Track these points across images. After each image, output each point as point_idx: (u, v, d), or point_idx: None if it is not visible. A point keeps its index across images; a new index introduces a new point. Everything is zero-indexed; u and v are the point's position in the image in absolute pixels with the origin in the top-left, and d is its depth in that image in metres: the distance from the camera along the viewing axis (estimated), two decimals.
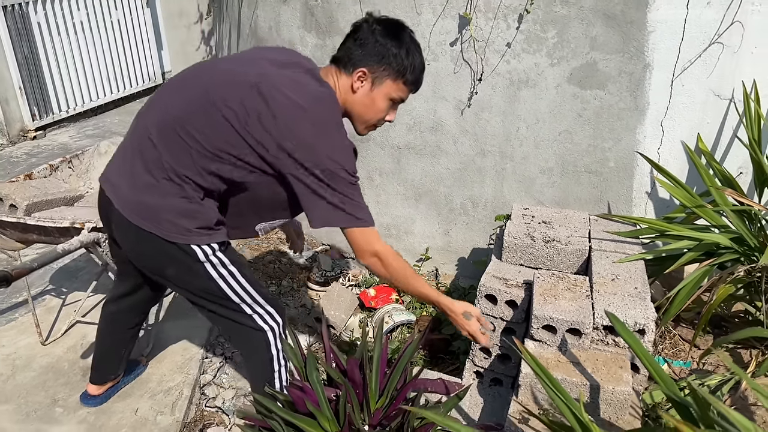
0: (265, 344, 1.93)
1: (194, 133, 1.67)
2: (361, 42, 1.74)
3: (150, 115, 1.77)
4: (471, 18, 2.69)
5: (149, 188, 1.71)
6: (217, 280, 1.82)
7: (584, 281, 2.10)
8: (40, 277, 3.18)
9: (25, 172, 4.72)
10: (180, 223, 1.72)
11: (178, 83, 1.80)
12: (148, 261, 1.86)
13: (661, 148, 2.62)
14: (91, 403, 2.33)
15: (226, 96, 1.66)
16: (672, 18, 2.41)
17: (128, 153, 1.78)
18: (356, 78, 1.75)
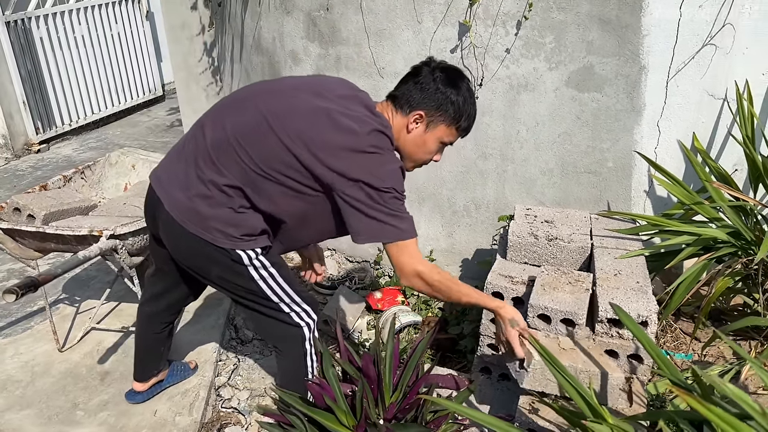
0: (300, 339, 2.04)
1: (250, 152, 1.76)
2: (422, 86, 1.83)
3: (211, 128, 1.84)
4: (471, 25, 2.78)
5: (202, 197, 1.80)
6: (258, 281, 1.91)
7: (587, 277, 2.17)
8: (54, 286, 3.25)
9: (30, 185, 4.79)
10: (227, 231, 1.81)
11: (241, 101, 1.88)
12: (194, 261, 1.94)
13: (657, 148, 2.70)
14: (137, 399, 2.42)
15: (287, 122, 1.75)
16: (665, 21, 2.49)
17: (183, 158, 1.87)
18: (413, 119, 1.84)
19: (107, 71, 6.29)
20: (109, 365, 2.66)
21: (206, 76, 4.69)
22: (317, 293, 3.47)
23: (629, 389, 1.94)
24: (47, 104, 5.67)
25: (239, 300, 1.99)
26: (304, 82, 1.95)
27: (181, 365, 2.60)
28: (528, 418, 1.83)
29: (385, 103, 1.91)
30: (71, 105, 5.93)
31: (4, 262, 3.54)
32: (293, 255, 3.75)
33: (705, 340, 2.54)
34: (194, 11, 4.45)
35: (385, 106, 1.90)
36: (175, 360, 2.62)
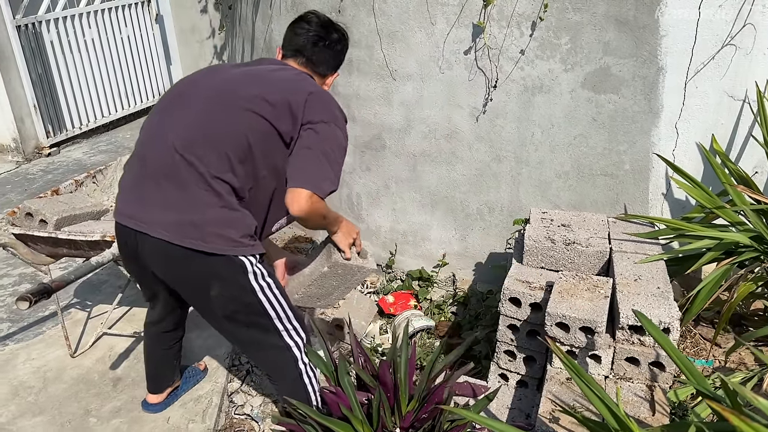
0: (292, 361, 1.98)
1: (225, 136, 1.77)
2: (336, 51, 2.06)
3: (167, 138, 1.80)
4: (485, 26, 2.75)
5: (191, 206, 1.76)
6: (258, 293, 1.86)
7: (606, 283, 2.13)
8: (65, 290, 3.21)
9: (41, 188, 4.79)
10: (226, 234, 1.77)
11: (181, 102, 1.87)
12: (194, 281, 1.87)
13: (675, 150, 2.65)
14: (155, 409, 2.39)
15: (252, 97, 1.81)
16: (684, 21, 2.45)
17: (150, 182, 1.81)
18: (331, 81, 2.09)
19: (117, 74, 6.29)
20: (121, 371, 2.64)
21: None
22: None
23: (651, 397, 1.90)
24: (58, 108, 5.67)
25: (233, 322, 1.92)
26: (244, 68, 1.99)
27: (192, 370, 2.59)
28: (548, 427, 1.79)
29: (294, 61, 2.01)
30: (82, 108, 5.92)
31: (16, 267, 3.53)
32: None
33: (725, 346, 2.49)
34: (204, 14, 4.45)
35: (296, 64, 2.01)
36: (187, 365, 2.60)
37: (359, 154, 3.38)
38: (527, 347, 2.21)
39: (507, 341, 2.23)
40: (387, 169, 3.33)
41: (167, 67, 7.01)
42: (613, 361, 1.98)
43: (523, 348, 2.22)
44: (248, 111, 1.78)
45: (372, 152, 3.33)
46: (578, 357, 2.00)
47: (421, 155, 3.18)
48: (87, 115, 6.00)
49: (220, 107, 1.81)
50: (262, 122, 1.79)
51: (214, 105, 1.82)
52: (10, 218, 2.58)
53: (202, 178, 1.76)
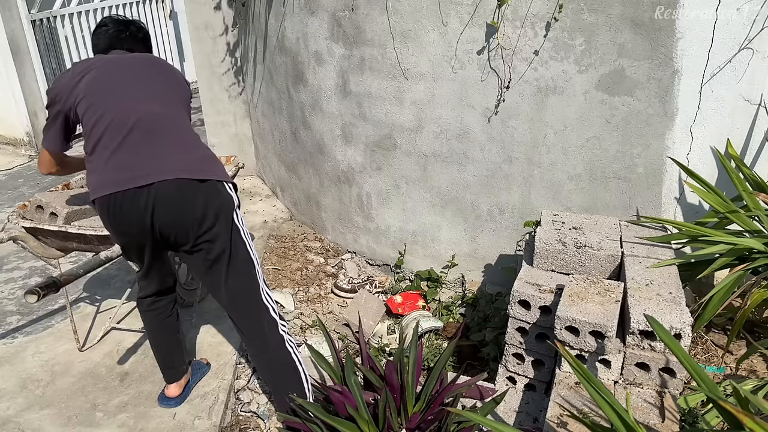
0: (274, 324, 2.10)
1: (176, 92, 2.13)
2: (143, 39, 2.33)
3: (137, 105, 2.00)
4: (498, 26, 2.73)
5: (189, 146, 2.03)
6: (243, 236, 2.06)
7: (618, 287, 2.11)
8: (74, 284, 3.24)
9: (53, 182, 4.82)
10: (217, 163, 2.06)
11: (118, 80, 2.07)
12: (199, 219, 1.98)
13: (690, 154, 2.62)
14: (171, 403, 2.41)
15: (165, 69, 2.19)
16: (701, 23, 2.42)
17: (139, 145, 1.96)
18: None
19: None
20: (128, 366, 2.64)
21: (229, 77, 4.69)
22: (337, 296, 3.44)
23: (661, 404, 1.88)
24: None
25: (225, 262, 2.02)
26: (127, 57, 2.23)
27: (197, 363, 2.60)
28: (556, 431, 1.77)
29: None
30: None
31: (27, 260, 3.55)
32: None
33: (737, 353, 2.46)
34: (218, 11, 4.45)
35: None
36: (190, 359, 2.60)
37: (370, 153, 3.37)
38: (536, 350, 2.19)
39: (516, 344, 2.21)
40: (397, 169, 3.31)
41: (180, 63, 7.04)
42: (622, 366, 1.96)
43: (531, 351, 2.20)
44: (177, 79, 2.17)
45: (382, 151, 3.32)
46: (587, 361, 1.98)
47: (432, 155, 3.16)
48: None
49: (162, 76, 2.13)
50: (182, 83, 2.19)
51: (154, 73, 2.12)
52: (21, 211, 2.59)
53: (182, 127, 2.05)
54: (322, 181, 3.75)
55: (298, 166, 3.96)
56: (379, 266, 3.66)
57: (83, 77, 2.01)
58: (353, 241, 3.72)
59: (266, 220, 4.14)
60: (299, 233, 4.00)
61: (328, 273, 3.61)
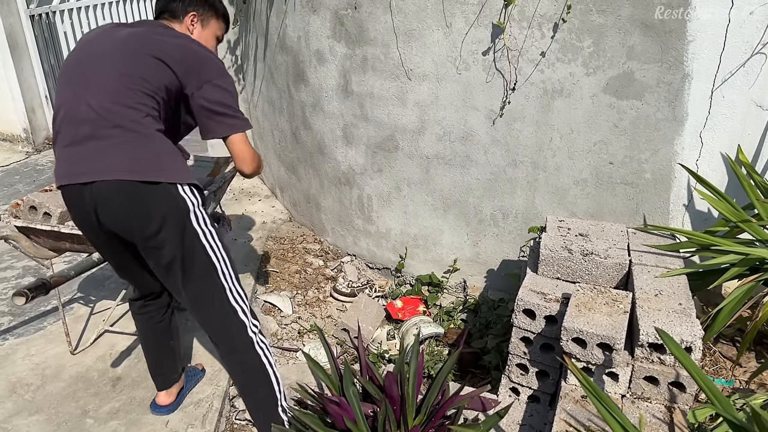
0: (242, 327, 1.98)
1: (138, 80, 1.83)
2: None
3: (83, 98, 1.82)
4: (505, 27, 2.66)
5: (135, 143, 1.81)
6: (201, 238, 1.89)
7: (626, 297, 2.04)
8: (68, 285, 3.17)
9: (50, 180, 4.75)
10: (171, 162, 1.86)
11: (81, 66, 1.88)
12: (144, 224, 1.84)
13: (699, 160, 2.56)
14: (163, 411, 2.34)
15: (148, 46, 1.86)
16: (713, 27, 2.36)
17: (85, 138, 1.82)
18: (189, 21, 2.04)
19: None
20: (121, 370, 2.58)
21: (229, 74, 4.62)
22: (336, 300, 3.37)
23: (670, 419, 1.81)
24: None
25: (181, 268, 1.90)
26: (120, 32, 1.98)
27: (192, 369, 2.54)
28: None
29: (159, 23, 2.03)
30: None
31: (20, 259, 3.48)
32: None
33: (746, 365, 2.39)
34: None
35: (166, 23, 2.04)
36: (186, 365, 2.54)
37: (371, 155, 3.31)
38: (540, 361, 2.13)
39: (519, 354, 2.15)
40: (399, 171, 3.25)
41: None
42: (630, 379, 1.89)
43: (536, 362, 2.13)
44: (157, 59, 1.84)
45: (384, 153, 3.25)
46: (594, 374, 1.91)
47: (434, 158, 3.10)
48: None
49: (131, 58, 1.85)
50: (167, 69, 1.86)
51: (124, 56, 1.86)
52: (14, 210, 2.53)
53: (134, 121, 1.82)
54: (322, 183, 3.69)
55: (298, 167, 3.89)
56: (379, 270, 3.59)
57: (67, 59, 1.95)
58: (353, 243, 3.66)
59: (265, 221, 4.08)
60: (298, 235, 3.93)
61: (327, 276, 3.54)
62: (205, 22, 2.08)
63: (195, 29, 2.06)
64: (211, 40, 2.11)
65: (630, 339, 1.94)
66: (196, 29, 2.06)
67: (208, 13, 2.08)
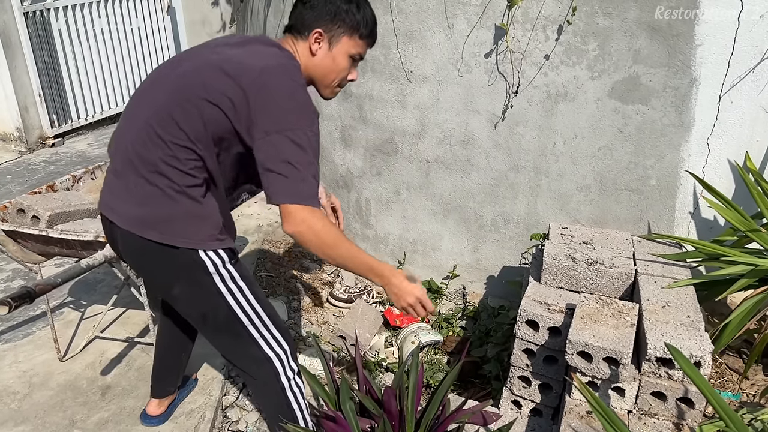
0: (273, 374, 1.82)
1: (172, 128, 1.60)
2: (311, 4, 1.71)
3: (127, 131, 1.69)
4: (508, 29, 2.60)
5: (155, 198, 1.64)
6: (226, 296, 1.73)
7: (633, 309, 1.98)
8: (59, 288, 3.10)
9: (43, 179, 4.67)
10: (190, 228, 1.66)
11: (139, 96, 1.73)
12: (157, 277, 1.77)
13: (706, 167, 2.50)
14: (152, 422, 2.26)
15: (195, 86, 1.60)
16: (721, 31, 2.30)
17: (120, 171, 1.70)
18: (313, 40, 1.72)
19: (126, 66, 6.17)
20: (111, 378, 2.50)
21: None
22: (333, 306, 3.30)
23: None
24: (63, 98, 5.56)
25: (206, 325, 1.79)
26: (200, 49, 1.76)
27: (184, 379, 2.45)
28: None
29: (284, 38, 1.78)
30: (88, 99, 5.81)
31: (10, 262, 3.41)
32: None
33: (753, 378, 2.34)
34: (215, 7, 4.32)
35: (285, 40, 1.77)
36: None
37: (370, 158, 3.24)
38: (543, 373, 2.06)
39: (522, 366, 2.09)
40: (398, 175, 3.18)
41: None
42: (637, 394, 1.83)
43: (539, 374, 2.07)
44: (207, 102, 1.58)
45: (383, 156, 3.19)
46: (600, 389, 1.85)
47: (434, 161, 3.03)
48: (93, 106, 5.88)
49: (180, 97, 1.61)
50: (219, 114, 1.60)
51: (174, 95, 1.62)
52: (1, 213, 2.45)
53: (159, 173, 1.62)
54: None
55: None
56: None
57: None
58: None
59: (261, 224, 4.01)
60: None
61: (323, 281, 3.47)
62: (334, 41, 1.72)
63: (320, 50, 1.72)
64: (342, 61, 1.75)
65: (637, 352, 1.88)
66: (321, 50, 1.72)
67: (340, 29, 1.71)
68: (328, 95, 1.85)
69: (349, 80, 1.83)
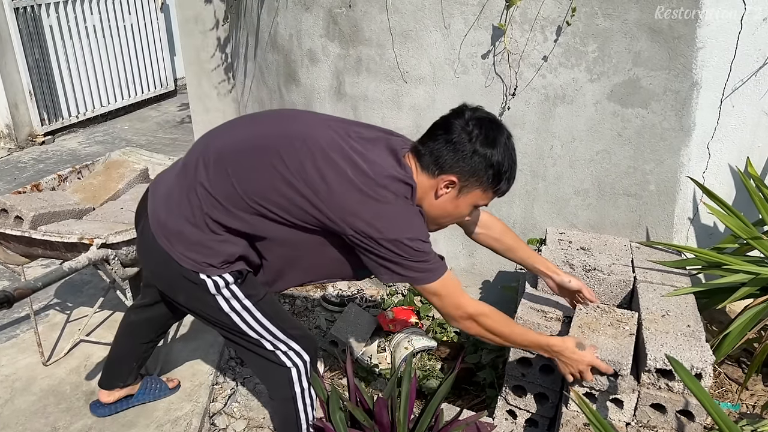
0: (287, 382, 1.78)
1: (241, 176, 1.54)
2: (455, 147, 1.55)
3: (211, 146, 1.64)
4: (506, 29, 2.55)
5: (184, 220, 1.61)
6: (230, 314, 1.69)
7: (632, 317, 1.93)
8: (43, 291, 3.03)
9: (32, 178, 4.60)
10: (197, 252, 1.61)
11: (248, 124, 1.69)
12: (162, 281, 1.77)
13: (706, 172, 2.45)
14: (101, 412, 2.24)
15: (289, 153, 1.52)
16: (724, 33, 2.25)
17: (179, 172, 1.67)
18: (443, 185, 1.58)
19: (118, 63, 6.11)
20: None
21: (218, 73, 4.48)
22: (325, 310, 3.24)
23: None
24: (54, 95, 5.49)
25: (216, 329, 1.78)
26: (334, 123, 1.66)
27: (157, 382, 2.37)
28: None
29: (409, 155, 1.64)
30: (79, 96, 5.74)
31: None
32: None
33: (752, 388, 2.29)
34: (208, 4, 4.25)
35: (409, 157, 1.63)
36: (151, 375, 2.39)
37: None
38: (539, 383, 2.01)
39: (517, 376, 2.03)
40: None
41: (171, 57, 6.83)
42: (636, 406, 1.78)
43: (535, 384, 2.01)
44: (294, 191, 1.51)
45: None
46: (598, 400, 1.79)
47: None
48: (84, 104, 5.82)
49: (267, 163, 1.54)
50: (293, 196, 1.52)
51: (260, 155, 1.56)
52: None
53: (195, 193, 1.60)
54: None
55: None
56: (370, 278, 3.46)
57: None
58: None
59: None
60: None
61: (316, 284, 3.41)
62: (465, 191, 1.59)
63: (445, 195, 1.60)
64: (465, 209, 1.66)
65: (636, 363, 1.83)
66: (448, 196, 1.60)
67: (477, 183, 1.58)
68: (432, 230, 1.72)
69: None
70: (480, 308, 1.66)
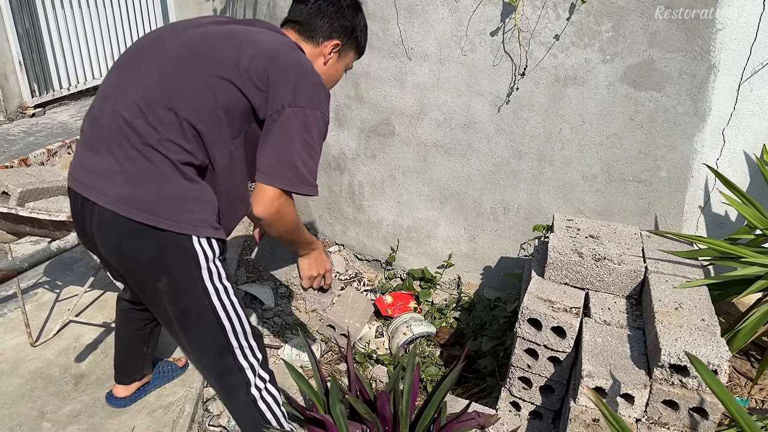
0: (243, 385, 1.66)
1: (185, 100, 1.47)
2: (335, 11, 1.69)
3: (118, 103, 1.51)
4: (517, 5, 2.44)
5: (146, 175, 1.48)
6: (211, 295, 1.58)
7: None
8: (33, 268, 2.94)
9: (21, 151, 4.47)
10: (188, 209, 1.51)
11: (137, 60, 1.57)
12: (140, 268, 1.57)
13: (720, 159, 2.37)
14: (119, 404, 2.17)
15: (216, 59, 1.49)
16: (745, 15, 2.15)
17: (101, 146, 1.51)
18: (329, 50, 1.72)
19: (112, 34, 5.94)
20: (85, 366, 2.36)
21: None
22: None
23: None
24: (45, 66, 5.33)
25: (181, 321, 1.61)
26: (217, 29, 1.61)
27: (167, 365, 2.32)
28: None
29: (288, 31, 1.71)
30: (71, 68, 5.59)
31: None
32: None
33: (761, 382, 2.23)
34: None
35: (289, 32, 1.71)
36: (161, 359, 2.33)
37: (365, 139, 3.08)
38: (546, 375, 1.94)
39: (523, 367, 1.96)
40: (394, 158, 3.03)
41: None
42: (647, 402, 1.71)
43: (541, 376, 1.95)
44: (218, 77, 1.48)
45: (379, 138, 3.03)
46: (608, 395, 1.73)
47: (433, 145, 2.88)
48: (77, 76, 5.67)
49: (185, 69, 1.49)
50: (233, 92, 1.49)
51: (179, 66, 1.50)
52: None
53: (153, 148, 1.47)
54: None
55: None
56: (368, 262, 3.39)
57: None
58: (342, 233, 3.44)
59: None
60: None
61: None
62: (343, 54, 1.77)
63: (330, 60, 1.73)
64: (341, 73, 1.81)
65: (647, 357, 1.76)
66: (331, 60, 1.74)
67: (352, 45, 1.77)
68: None
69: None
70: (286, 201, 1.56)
